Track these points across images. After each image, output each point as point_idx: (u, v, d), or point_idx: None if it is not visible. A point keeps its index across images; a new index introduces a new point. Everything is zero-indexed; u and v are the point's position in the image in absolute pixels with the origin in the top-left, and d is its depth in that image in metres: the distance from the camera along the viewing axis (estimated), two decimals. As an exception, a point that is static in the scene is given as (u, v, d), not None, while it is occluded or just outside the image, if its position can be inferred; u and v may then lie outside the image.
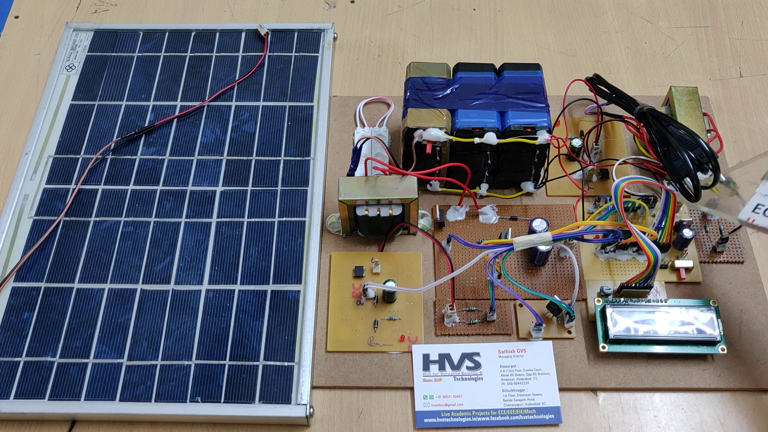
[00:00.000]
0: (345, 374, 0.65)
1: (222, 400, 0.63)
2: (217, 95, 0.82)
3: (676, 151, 0.65)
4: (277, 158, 0.77)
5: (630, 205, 0.71)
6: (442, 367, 0.65)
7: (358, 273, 0.70)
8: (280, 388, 0.64)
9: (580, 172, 0.74)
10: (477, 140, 0.68)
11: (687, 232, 0.68)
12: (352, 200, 0.68)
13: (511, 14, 0.91)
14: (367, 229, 0.71)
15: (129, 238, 0.72)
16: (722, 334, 0.64)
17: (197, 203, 0.74)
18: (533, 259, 0.70)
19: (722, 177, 0.66)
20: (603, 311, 0.65)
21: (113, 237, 0.72)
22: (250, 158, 0.77)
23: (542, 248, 0.67)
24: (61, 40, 0.87)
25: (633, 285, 0.66)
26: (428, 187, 0.75)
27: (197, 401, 0.63)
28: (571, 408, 0.64)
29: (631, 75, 0.85)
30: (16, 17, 0.92)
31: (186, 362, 0.65)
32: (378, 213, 0.68)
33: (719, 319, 0.65)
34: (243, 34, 0.88)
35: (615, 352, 0.65)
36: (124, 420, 0.63)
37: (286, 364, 0.65)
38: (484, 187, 0.74)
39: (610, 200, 0.71)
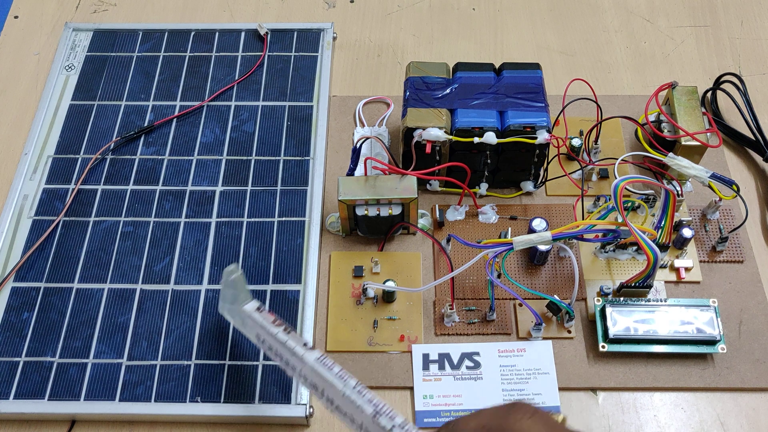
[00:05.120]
0: (345, 374, 0.65)
1: (222, 400, 0.63)
2: (217, 95, 0.82)
3: None
4: (277, 158, 0.77)
5: (630, 204, 0.71)
6: (441, 367, 0.65)
7: (358, 273, 0.70)
8: (279, 388, 0.64)
9: (580, 171, 0.74)
10: (476, 140, 0.68)
11: (687, 232, 0.68)
12: (352, 200, 0.68)
13: (511, 14, 0.91)
14: (367, 229, 0.71)
15: (128, 238, 0.72)
16: (722, 333, 0.64)
17: (197, 203, 0.74)
18: (533, 258, 0.70)
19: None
20: (603, 311, 0.65)
21: (113, 237, 0.72)
22: (249, 158, 0.77)
23: (542, 248, 0.67)
24: (60, 40, 0.87)
25: (633, 284, 0.66)
26: (428, 186, 0.75)
27: (197, 401, 0.63)
28: (571, 407, 0.64)
29: (630, 74, 0.85)
30: (16, 17, 0.92)
31: (186, 362, 0.65)
32: (378, 213, 0.68)
33: (719, 319, 0.65)
34: (242, 34, 0.88)
35: (615, 351, 0.65)
36: (124, 420, 0.63)
37: (285, 363, 0.65)
38: (484, 186, 0.74)
39: (609, 199, 0.71)
